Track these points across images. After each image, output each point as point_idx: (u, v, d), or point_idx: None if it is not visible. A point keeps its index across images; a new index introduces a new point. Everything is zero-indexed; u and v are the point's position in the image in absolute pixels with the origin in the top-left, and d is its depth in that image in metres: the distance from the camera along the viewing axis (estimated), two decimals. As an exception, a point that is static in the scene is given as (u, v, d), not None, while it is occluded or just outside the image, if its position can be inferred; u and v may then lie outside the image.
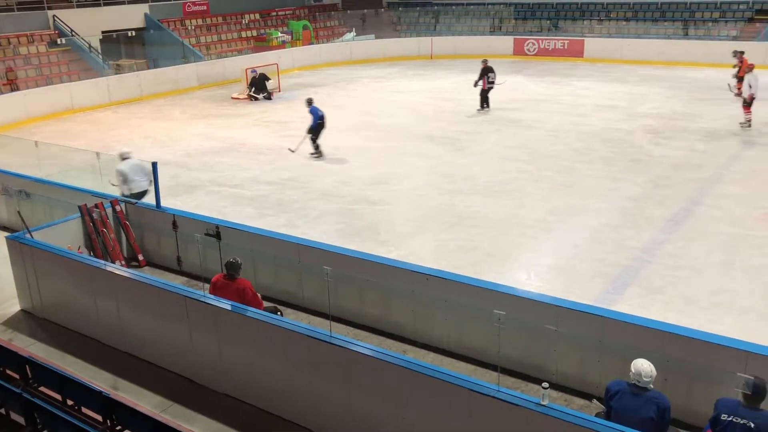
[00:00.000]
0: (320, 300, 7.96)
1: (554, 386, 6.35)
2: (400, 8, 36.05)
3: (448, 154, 15.29)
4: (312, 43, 30.88)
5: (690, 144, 15.47)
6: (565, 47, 29.25)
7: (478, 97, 19.30)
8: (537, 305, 6.61)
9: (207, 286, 7.03)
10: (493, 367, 6.60)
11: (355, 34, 32.20)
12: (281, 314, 7.19)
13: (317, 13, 34.87)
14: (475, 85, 19.45)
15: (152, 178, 9.83)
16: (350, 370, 5.90)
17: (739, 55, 18.84)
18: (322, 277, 6.07)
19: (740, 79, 17.99)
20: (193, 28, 29.39)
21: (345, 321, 7.85)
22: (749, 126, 16.57)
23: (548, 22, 31.74)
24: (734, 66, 18.90)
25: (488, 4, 33.96)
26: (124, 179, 10.22)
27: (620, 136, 16.13)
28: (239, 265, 7.01)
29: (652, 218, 11.01)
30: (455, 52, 29.96)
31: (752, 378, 4.67)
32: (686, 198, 11.93)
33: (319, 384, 6.13)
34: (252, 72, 22.17)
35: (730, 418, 4.68)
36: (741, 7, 28.29)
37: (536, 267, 9.50)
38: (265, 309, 7.00)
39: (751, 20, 27.76)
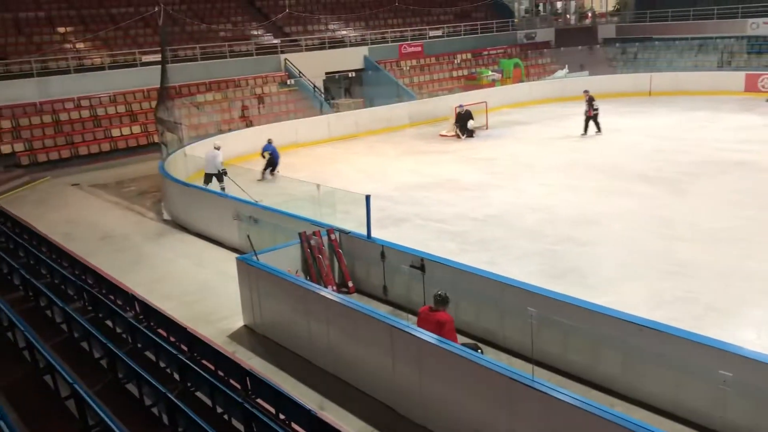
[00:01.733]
0: (522, 342, 7.76)
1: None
2: (616, 44, 34.77)
3: (666, 195, 14.29)
4: (522, 81, 30.79)
5: None
6: (809, 83, 26.20)
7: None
8: (770, 369, 5.88)
9: (411, 316, 7.19)
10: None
11: (567, 71, 31.53)
12: (481, 352, 7.12)
13: (529, 51, 34.78)
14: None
15: (218, 168, 15.44)
16: (552, 417, 5.65)
17: None
18: (524, 318, 5.94)
19: None
20: (407, 68, 30.79)
21: (547, 366, 7.56)
22: None
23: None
24: None
25: (717, 38, 31.54)
26: (206, 161, 15.73)
27: None
28: (444, 299, 7.11)
29: None
30: (676, 89, 28.11)
31: None
32: None
33: (518, 427, 5.95)
34: (459, 107, 22.63)
35: None
36: None
37: (769, 326, 8.48)
38: (465, 345, 6.98)
39: None
